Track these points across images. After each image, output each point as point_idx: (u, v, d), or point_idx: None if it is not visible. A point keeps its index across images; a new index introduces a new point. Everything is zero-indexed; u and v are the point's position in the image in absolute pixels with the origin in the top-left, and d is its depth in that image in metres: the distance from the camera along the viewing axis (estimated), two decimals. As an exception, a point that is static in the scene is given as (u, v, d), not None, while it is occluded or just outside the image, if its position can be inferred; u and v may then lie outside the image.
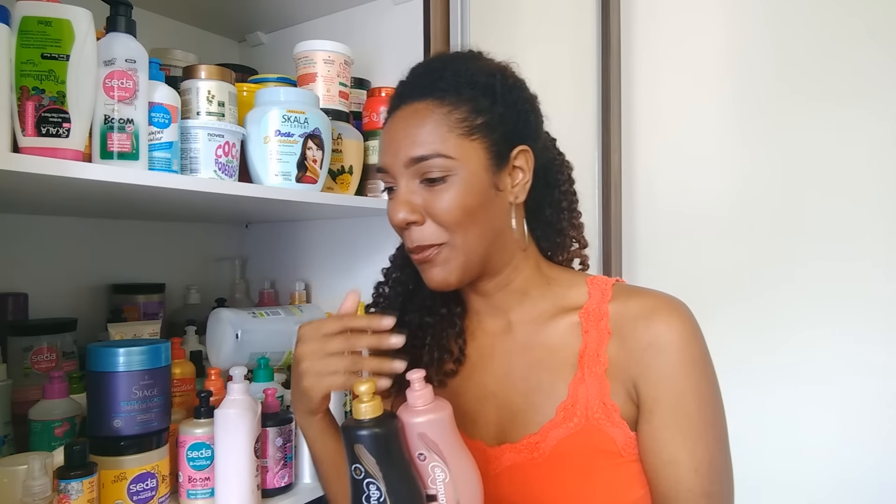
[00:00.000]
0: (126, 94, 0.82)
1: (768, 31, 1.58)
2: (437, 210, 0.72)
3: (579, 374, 0.74)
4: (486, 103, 0.73)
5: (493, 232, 0.75)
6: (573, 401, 0.73)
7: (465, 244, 0.73)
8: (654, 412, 0.71)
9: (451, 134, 0.72)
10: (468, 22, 1.27)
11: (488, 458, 0.76)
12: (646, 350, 0.72)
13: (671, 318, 0.73)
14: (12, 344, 1.06)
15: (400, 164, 0.73)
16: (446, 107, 0.72)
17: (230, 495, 0.92)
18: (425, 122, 0.72)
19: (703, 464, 0.70)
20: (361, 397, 0.63)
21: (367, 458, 0.61)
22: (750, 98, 1.61)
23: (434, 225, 0.73)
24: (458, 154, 0.72)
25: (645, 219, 1.76)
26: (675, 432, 0.70)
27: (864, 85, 1.47)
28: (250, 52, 1.62)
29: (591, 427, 0.72)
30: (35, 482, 0.73)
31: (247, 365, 1.10)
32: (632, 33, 1.78)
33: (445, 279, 0.74)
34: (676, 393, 0.71)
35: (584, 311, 0.77)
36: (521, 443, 0.75)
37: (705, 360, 0.73)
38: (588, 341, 0.75)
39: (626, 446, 0.72)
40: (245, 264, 1.62)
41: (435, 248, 0.74)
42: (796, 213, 1.54)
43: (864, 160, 1.47)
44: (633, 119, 1.77)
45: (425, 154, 0.71)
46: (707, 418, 0.71)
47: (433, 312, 0.83)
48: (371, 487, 0.61)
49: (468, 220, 0.72)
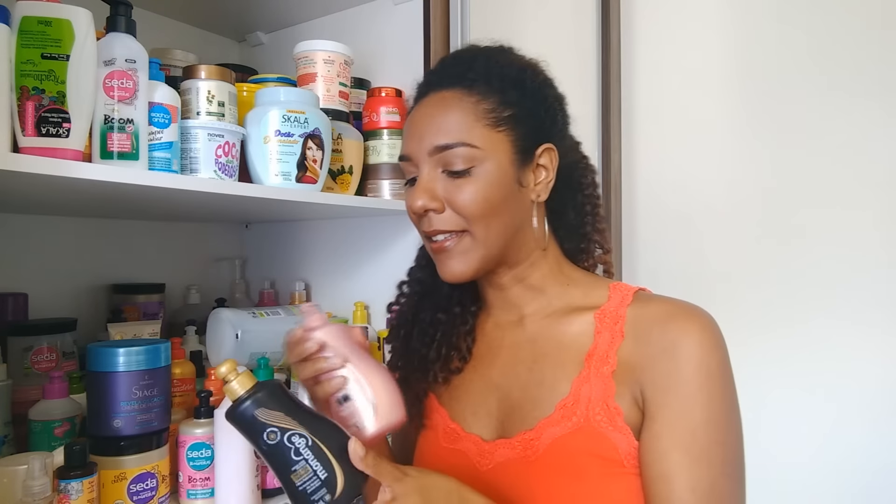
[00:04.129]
0: (126, 94, 0.82)
1: (768, 30, 1.59)
2: (459, 201, 0.71)
3: (584, 372, 0.71)
4: (514, 96, 0.73)
5: (513, 227, 0.74)
6: (574, 399, 0.70)
7: (485, 237, 0.72)
8: (656, 419, 0.66)
9: (478, 124, 0.71)
10: (468, 22, 1.27)
11: (482, 452, 0.74)
12: (659, 355, 0.68)
13: (690, 325, 0.68)
14: (12, 344, 1.05)
15: (424, 152, 0.72)
16: (474, 96, 0.72)
17: (230, 495, 0.92)
18: (452, 110, 0.72)
19: (701, 484, 0.64)
20: (228, 378, 0.62)
21: (275, 415, 0.60)
22: (750, 96, 1.61)
23: (453, 213, 0.72)
24: (484, 144, 0.71)
25: (645, 218, 1.76)
26: (676, 445, 0.65)
27: (867, 82, 1.47)
28: (250, 52, 1.62)
29: (590, 429, 0.68)
30: (35, 482, 0.73)
31: (247, 365, 1.10)
32: (632, 33, 1.78)
33: (462, 271, 0.73)
34: (684, 402, 0.66)
35: (600, 311, 0.74)
36: (516, 438, 0.72)
37: (724, 374, 0.68)
38: (599, 341, 0.72)
39: (629, 456, 0.67)
40: (245, 264, 1.62)
41: (454, 235, 0.72)
42: (796, 213, 1.54)
43: (866, 158, 1.47)
44: (633, 119, 1.77)
45: (450, 142, 0.71)
46: (715, 437, 0.65)
47: (447, 310, 0.82)
48: (294, 439, 0.60)
49: (490, 213, 0.71)
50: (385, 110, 1.28)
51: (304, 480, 0.59)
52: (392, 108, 1.29)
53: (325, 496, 0.59)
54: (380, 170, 1.28)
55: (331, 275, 1.48)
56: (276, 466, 0.61)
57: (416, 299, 0.85)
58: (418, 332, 0.83)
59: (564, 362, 0.74)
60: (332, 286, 1.48)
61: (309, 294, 1.50)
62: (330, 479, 0.59)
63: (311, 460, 0.59)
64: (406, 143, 0.76)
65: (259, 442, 0.61)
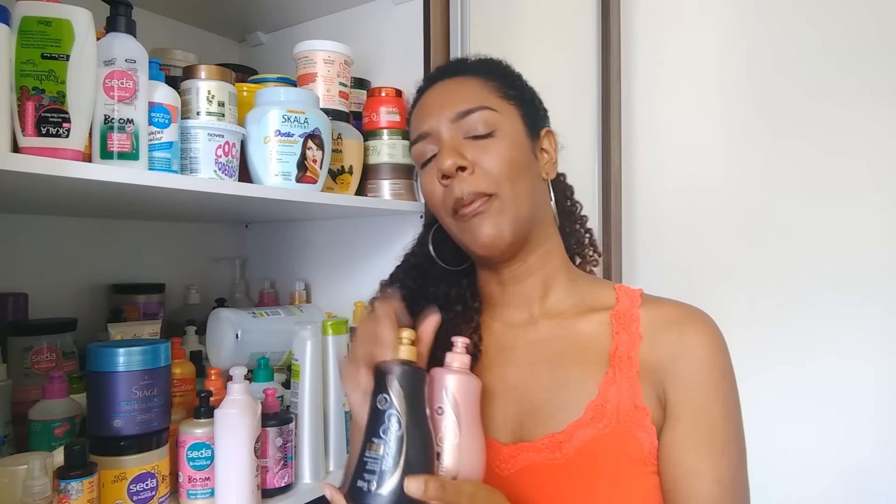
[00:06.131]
0: (126, 94, 0.82)
1: (768, 33, 1.59)
2: (487, 161, 0.72)
3: (610, 373, 0.72)
4: (514, 84, 0.79)
5: (535, 197, 0.76)
6: (604, 400, 0.70)
7: (514, 199, 0.73)
8: (681, 418, 0.69)
9: (492, 95, 0.76)
10: (468, 22, 1.27)
11: (501, 457, 0.72)
12: (677, 356, 0.71)
13: (704, 328, 0.73)
14: (12, 344, 1.05)
15: (445, 121, 0.74)
16: (482, 78, 0.77)
17: (230, 495, 0.92)
18: (465, 84, 0.77)
19: (726, 477, 0.68)
20: (402, 340, 0.64)
21: (396, 390, 0.61)
22: (749, 98, 1.61)
23: (484, 173, 0.72)
24: (502, 109, 0.75)
25: (645, 219, 1.76)
26: (700, 441, 0.68)
27: (867, 81, 1.47)
28: (250, 52, 1.62)
29: (622, 430, 0.69)
30: (35, 482, 0.73)
31: (247, 365, 1.10)
32: (632, 33, 1.78)
33: (499, 233, 0.72)
34: (705, 402, 0.69)
35: (615, 312, 0.76)
36: (542, 441, 0.71)
37: (732, 374, 0.73)
38: (619, 342, 0.73)
39: (651, 455, 0.69)
40: (245, 264, 1.62)
41: (485, 197, 0.72)
42: (796, 213, 1.54)
43: (866, 158, 1.47)
44: (633, 120, 1.77)
45: (472, 107, 0.74)
46: (732, 432, 0.70)
47: (447, 309, 0.79)
48: (392, 419, 0.60)
49: (516, 174, 0.73)
50: (385, 110, 1.28)
51: (370, 455, 0.60)
52: (392, 108, 1.29)
53: (370, 481, 0.59)
54: (380, 170, 1.28)
55: (331, 275, 1.48)
56: (368, 422, 0.62)
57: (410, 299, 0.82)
58: None
59: (587, 363, 0.74)
60: (332, 286, 1.48)
61: (309, 294, 1.50)
62: (386, 474, 0.59)
63: (388, 446, 0.60)
64: (422, 122, 0.77)
65: (374, 395, 0.62)
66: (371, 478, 0.59)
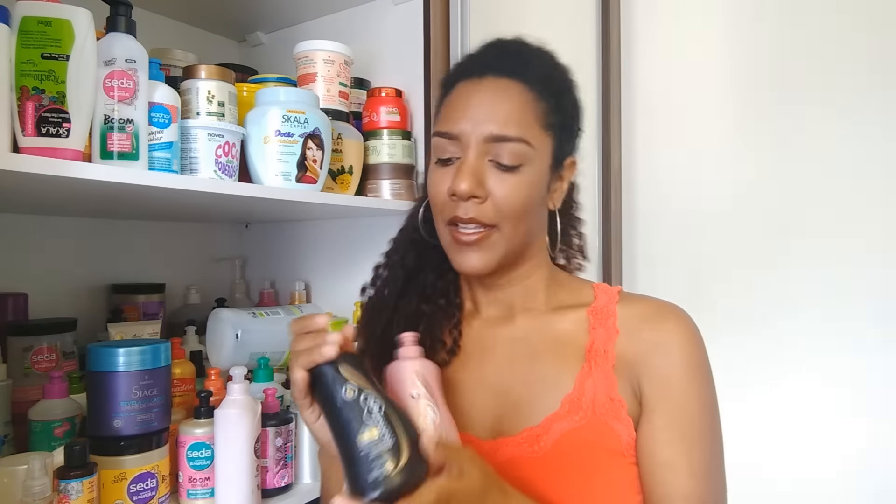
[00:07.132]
0: (126, 94, 0.82)
1: (768, 30, 1.59)
2: (502, 195, 0.71)
3: (586, 367, 0.73)
4: (564, 104, 0.76)
5: (533, 232, 0.76)
6: (579, 394, 0.72)
7: (512, 236, 0.73)
8: (657, 412, 0.70)
9: (536, 123, 0.72)
10: (468, 22, 1.27)
11: (481, 453, 0.72)
12: (653, 350, 0.72)
13: (679, 323, 0.74)
14: (12, 344, 1.06)
15: (478, 136, 0.71)
16: (534, 94, 0.72)
17: (230, 495, 0.92)
18: (514, 101, 0.72)
19: (700, 468, 0.69)
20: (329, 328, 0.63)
21: (357, 376, 0.60)
22: (750, 97, 1.61)
23: (493, 205, 0.71)
24: (537, 145, 0.72)
25: (645, 219, 1.76)
26: (676, 435, 0.70)
27: (867, 82, 1.47)
28: (250, 52, 1.62)
29: (598, 422, 0.70)
30: (35, 482, 0.73)
31: (247, 365, 1.10)
32: (632, 33, 1.78)
33: (485, 266, 0.73)
34: (680, 395, 0.71)
35: (591, 308, 0.77)
36: (521, 435, 0.72)
37: (708, 367, 0.74)
38: (595, 337, 0.74)
39: (629, 447, 0.71)
40: (245, 264, 1.62)
41: (486, 229, 0.72)
42: (797, 213, 1.54)
43: (866, 158, 1.47)
44: (633, 119, 1.77)
45: (511, 135, 0.70)
46: (707, 424, 0.71)
47: (431, 301, 0.81)
48: (369, 400, 0.59)
49: (524, 213, 0.72)
50: (385, 110, 1.28)
51: (369, 443, 0.58)
52: (392, 108, 1.29)
53: (386, 463, 0.57)
54: (380, 170, 1.28)
55: (331, 275, 1.48)
56: (344, 425, 0.60)
57: (399, 285, 0.82)
58: (399, 320, 0.80)
59: (564, 358, 0.75)
60: (332, 286, 1.48)
61: (309, 294, 1.50)
62: (396, 447, 0.57)
63: (381, 424, 0.59)
64: (454, 121, 0.73)
65: (336, 396, 0.60)
66: (385, 459, 0.57)
